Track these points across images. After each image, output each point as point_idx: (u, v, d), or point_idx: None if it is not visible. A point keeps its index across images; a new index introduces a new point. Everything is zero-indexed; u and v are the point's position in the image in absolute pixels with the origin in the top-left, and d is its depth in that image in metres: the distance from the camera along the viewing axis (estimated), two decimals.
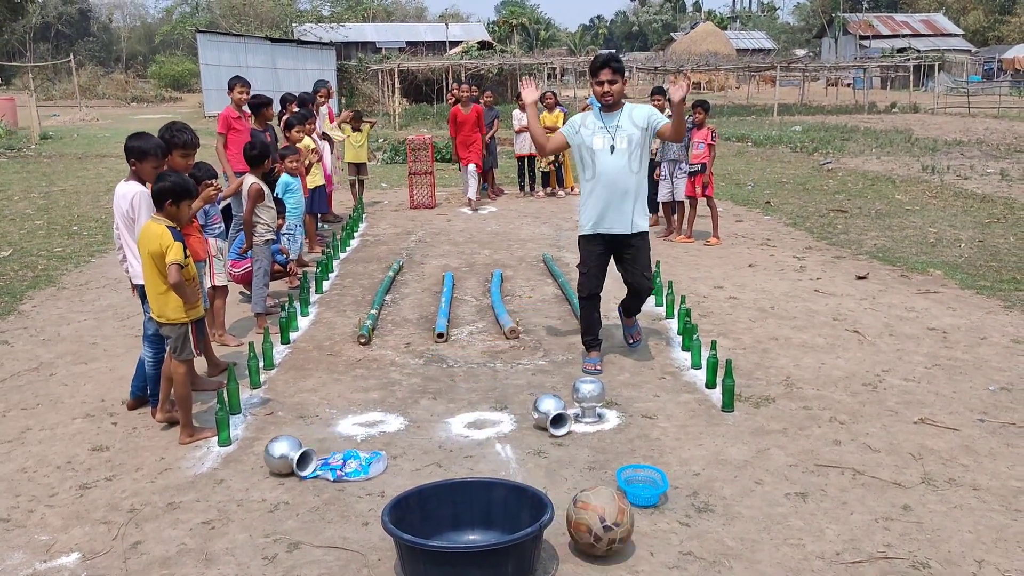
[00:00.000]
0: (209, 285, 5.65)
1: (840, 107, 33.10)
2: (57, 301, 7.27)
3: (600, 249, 5.42)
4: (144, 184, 4.68)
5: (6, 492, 3.96)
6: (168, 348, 4.50)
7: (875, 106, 32.37)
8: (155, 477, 4.09)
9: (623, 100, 5.38)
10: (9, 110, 25.29)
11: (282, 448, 4.06)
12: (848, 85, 46.26)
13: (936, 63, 37.75)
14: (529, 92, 5.58)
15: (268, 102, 8.36)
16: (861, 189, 13.06)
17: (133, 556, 3.41)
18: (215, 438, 4.44)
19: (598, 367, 5.41)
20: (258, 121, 8.13)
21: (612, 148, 5.23)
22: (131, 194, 4.66)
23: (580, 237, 5.51)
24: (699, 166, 9.07)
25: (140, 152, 4.66)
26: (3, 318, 6.76)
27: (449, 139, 12.73)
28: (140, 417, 4.79)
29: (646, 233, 5.44)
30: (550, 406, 4.49)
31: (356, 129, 11.11)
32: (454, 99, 12.74)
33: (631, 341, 5.83)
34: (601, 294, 5.55)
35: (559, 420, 4.45)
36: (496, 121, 12.69)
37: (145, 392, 4.83)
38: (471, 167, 11.50)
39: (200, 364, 5.28)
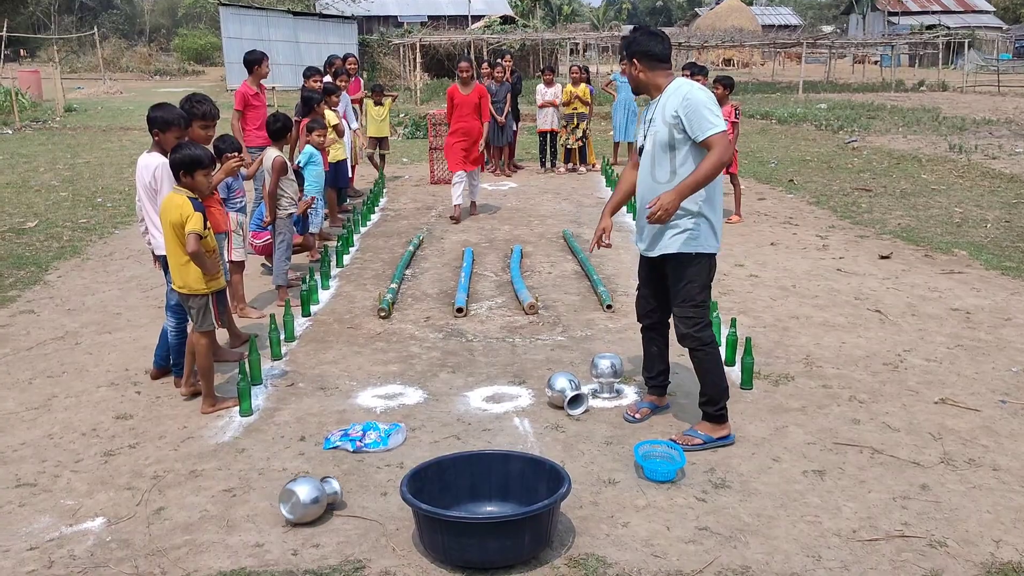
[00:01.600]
0: (227, 259, 5.68)
1: (867, 85, 32.64)
2: (82, 272, 7.36)
3: (646, 268, 4.30)
4: (167, 155, 4.70)
5: (33, 457, 4.04)
6: (190, 319, 4.55)
7: (903, 84, 31.89)
8: (178, 445, 4.15)
9: (663, 83, 4.07)
10: (34, 82, 25.46)
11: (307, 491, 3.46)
12: (875, 62, 45.56)
13: (966, 40, 37.07)
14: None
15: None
16: (886, 168, 12.90)
17: (156, 521, 3.47)
18: (237, 408, 4.49)
19: (637, 415, 4.37)
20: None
21: (641, 149, 4.14)
22: (154, 166, 4.69)
23: None
24: None
25: (163, 122, 4.69)
26: (29, 287, 6.85)
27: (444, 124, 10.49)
28: (163, 386, 4.85)
29: (683, 257, 4.01)
30: (564, 384, 4.48)
31: (378, 103, 11.08)
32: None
33: (679, 442, 4.04)
34: (664, 325, 4.40)
35: (576, 400, 4.45)
36: (508, 96, 12.29)
37: (168, 362, 4.89)
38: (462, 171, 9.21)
39: (222, 336, 5.33)
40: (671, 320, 4.29)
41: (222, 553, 3.24)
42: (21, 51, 35.09)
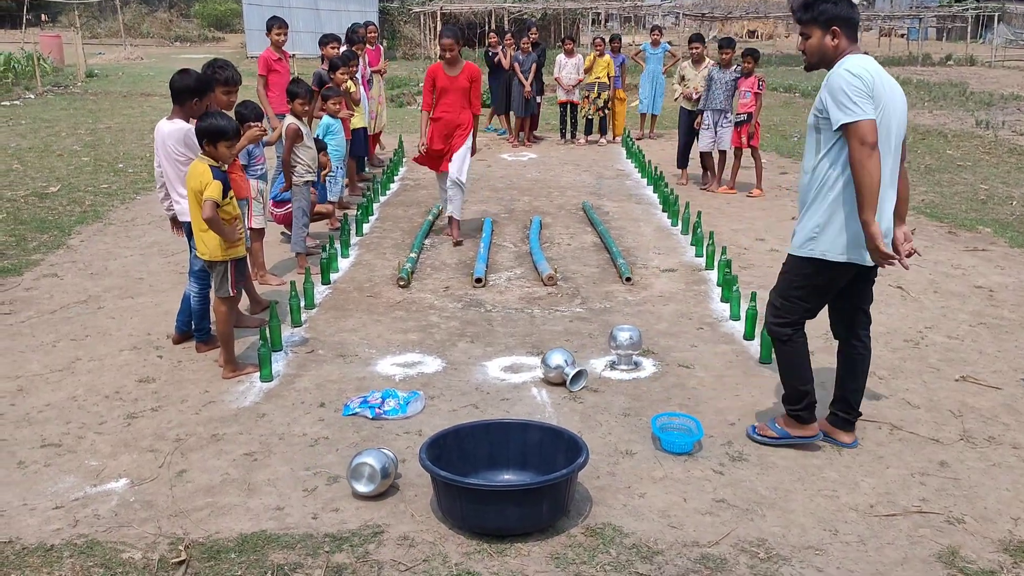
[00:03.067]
0: (247, 226, 5.70)
1: (893, 58, 32.08)
2: (104, 236, 7.41)
3: None
4: (189, 121, 4.71)
5: (57, 419, 4.10)
6: (212, 285, 4.58)
7: (929, 58, 31.34)
8: (199, 409, 4.20)
9: (837, 55, 3.52)
10: (55, 47, 25.48)
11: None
12: (902, 36, 44.77)
13: (996, 13, 36.34)
14: None
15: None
16: (911, 143, 12.72)
17: (179, 483, 3.52)
18: (257, 374, 4.53)
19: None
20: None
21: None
22: (181, 132, 4.68)
23: None
24: (745, 116, 8.89)
25: (183, 91, 4.71)
26: (52, 251, 6.91)
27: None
28: (185, 351, 4.90)
29: (795, 258, 3.66)
30: (560, 360, 4.43)
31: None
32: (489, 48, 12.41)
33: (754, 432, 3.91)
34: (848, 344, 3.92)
35: (578, 377, 4.42)
36: (534, 66, 12.13)
37: (190, 327, 4.93)
38: (452, 173, 7.07)
39: (243, 302, 5.37)
40: (858, 341, 3.85)
41: (243, 516, 3.28)
42: (43, 16, 35.09)
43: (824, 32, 3.50)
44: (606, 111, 12.58)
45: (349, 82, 8.47)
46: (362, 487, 3.37)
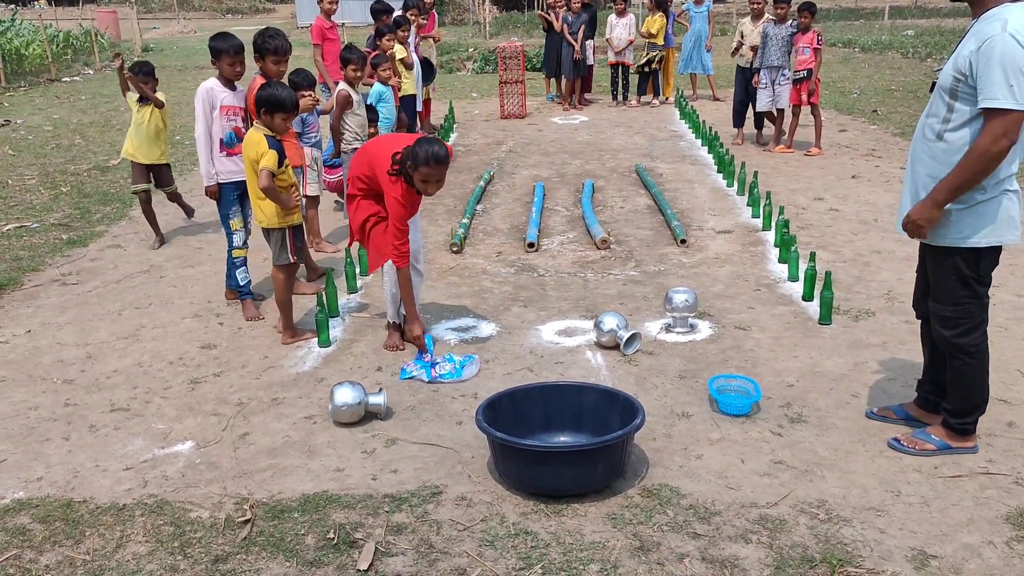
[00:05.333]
0: (303, 194, 5.76)
1: (959, 9, 30.80)
2: (165, 207, 7.54)
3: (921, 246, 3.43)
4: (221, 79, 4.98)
5: (124, 384, 4.22)
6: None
7: None
8: (260, 374, 4.28)
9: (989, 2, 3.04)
10: (112, 23, 25.96)
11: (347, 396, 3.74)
12: None
13: None
14: None
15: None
16: None
17: (242, 446, 3.61)
18: (315, 339, 4.60)
19: (876, 410, 3.67)
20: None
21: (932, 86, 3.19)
22: (202, 89, 4.97)
23: None
24: (804, 72, 8.65)
25: (213, 51, 4.95)
26: (116, 223, 7.08)
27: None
28: (243, 317, 4.99)
29: (936, 249, 3.21)
30: (612, 324, 4.40)
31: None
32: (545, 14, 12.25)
33: (898, 440, 3.45)
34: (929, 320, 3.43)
35: (632, 339, 4.39)
36: (583, 27, 11.87)
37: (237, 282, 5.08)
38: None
39: (300, 269, 5.44)
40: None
41: (304, 477, 3.35)
42: None
43: None
44: (652, 68, 12.29)
45: (399, 46, 8.46)
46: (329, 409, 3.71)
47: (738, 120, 9.68)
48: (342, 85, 6.31)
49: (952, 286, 3.18)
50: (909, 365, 4.13)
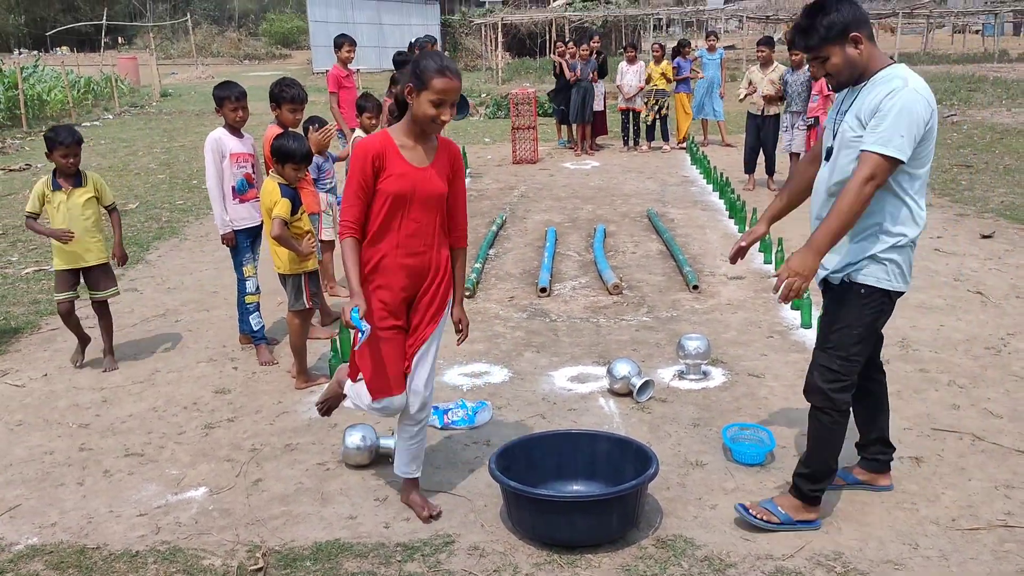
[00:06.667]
0: (319, 239, 5.82)
1: (967, 56, 31.12)
2: (180, 251, 7.65)
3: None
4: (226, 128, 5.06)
5: (139, 429, 4.24)
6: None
7: (1006, 54, 30.28)
8: (273, 420, 4.30)
9: (879, 65, 3.00)
10: (132, 69, 26.48)
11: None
12: (977, 32, 43.35)
13: None
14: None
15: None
16: (988, 143, 12.31)
17: (255, 492, 3.61)
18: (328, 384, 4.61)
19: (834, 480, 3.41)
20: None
21: (828, 151, 3.14)
22: (211, 139, 5.03)
23: None
24: (812, 120, 8.75)
25: (216, 99, 5.06)
26: (132, 267, 7.16)
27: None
28: (257, 362, 5.02)
29: (842, 288, 3.12)
30: (626, 371, 4.40)
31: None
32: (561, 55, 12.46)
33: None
34: (870, 379, 3.41)
35: (645, 387, 4.38)
36: (593, 72, 12.05)
37: (250, 327, 5.11)
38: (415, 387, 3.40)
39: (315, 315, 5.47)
40: (879, 372, 3.45)
41: (317, 524, 3.35)
42: (119, 39, 36.46)
43: (844, 44, 2.95)
44: (661, 114, 12.43)
45: None
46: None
47: (749, 167, 9.76)
48: (358, 132, 6.40)
49: (852, 335, 3.08)
50: (924, 415, 4.11)
